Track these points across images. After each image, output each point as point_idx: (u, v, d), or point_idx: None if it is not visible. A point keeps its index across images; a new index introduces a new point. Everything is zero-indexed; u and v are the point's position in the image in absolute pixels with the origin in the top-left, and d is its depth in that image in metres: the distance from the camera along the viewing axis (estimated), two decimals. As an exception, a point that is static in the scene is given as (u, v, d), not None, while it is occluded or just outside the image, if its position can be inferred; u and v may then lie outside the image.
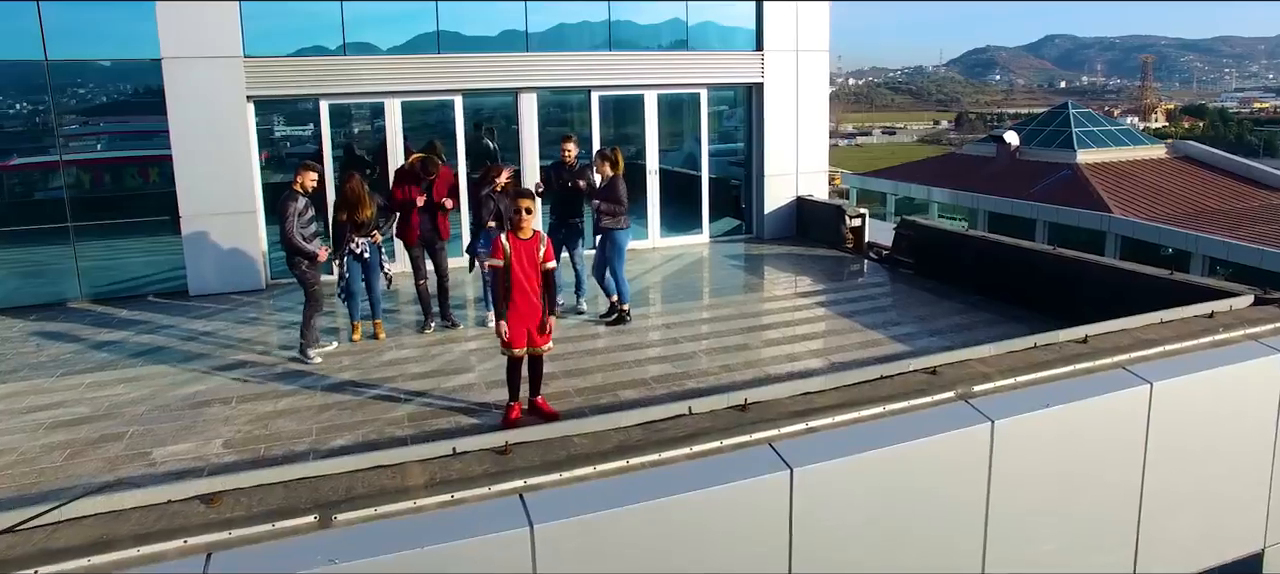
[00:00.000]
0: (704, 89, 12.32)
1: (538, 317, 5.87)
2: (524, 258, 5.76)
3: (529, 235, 5.80)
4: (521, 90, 11.30)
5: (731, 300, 9.39)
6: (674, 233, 12.71)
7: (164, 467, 5.43)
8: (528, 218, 5.79)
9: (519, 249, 5.74)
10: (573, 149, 8.62)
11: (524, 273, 5.75)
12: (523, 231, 5.78)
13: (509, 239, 5.75)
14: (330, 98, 10.46)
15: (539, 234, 5.87)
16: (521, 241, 5.76)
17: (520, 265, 5.75)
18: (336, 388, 6.79)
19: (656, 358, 7.34)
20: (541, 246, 5.83)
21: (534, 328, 5.88)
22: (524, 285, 5.77)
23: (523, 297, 5.79)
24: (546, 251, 5.87)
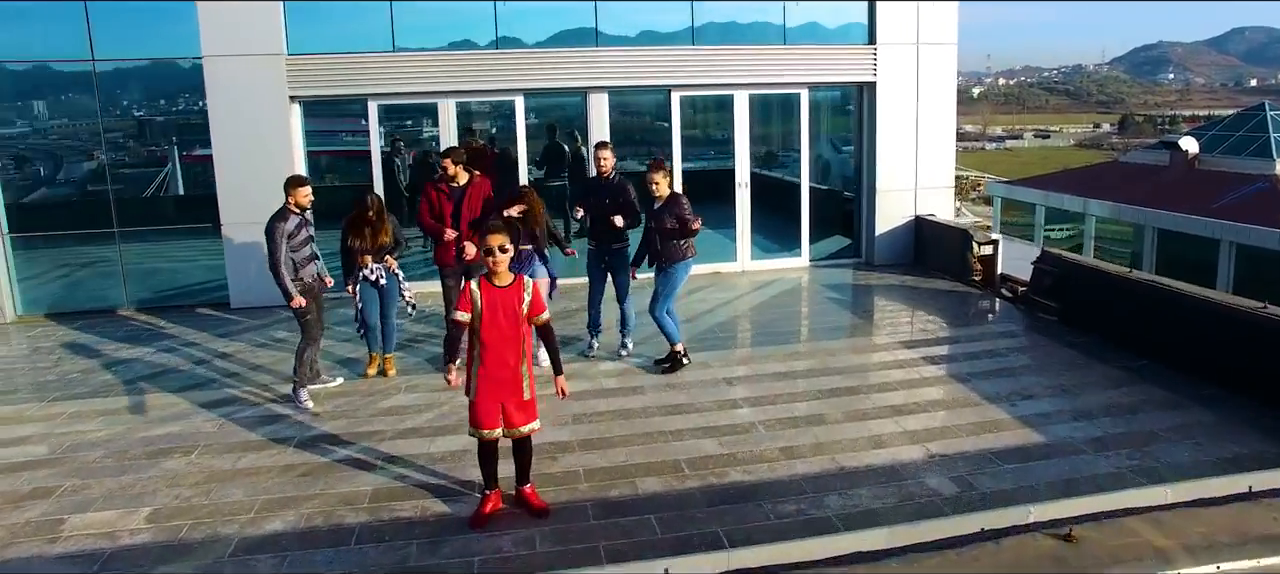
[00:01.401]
0: (804, 89, 10.54)
1: (516, 388, 4.49)
2: (500, 313, 4.38)
3: (506, 281, 4.43)
4: (591, 90, 9.99)
5: (819, 347, 7.65)
6: (767, 255, 11.03)
7: (64, 544, 4.49)
8: (502, 258, 4.39)
9: (493, 301, 4.38)
10: (609, 158, 7.14)
11: (501, 333, 4.39)
12: (498, 277, 4.42)
13: (481, 287, 4.40)
14: (379, 98, 9.56)
15: (521, 280, 4.49)
16: (497, 290, 4.39)
17: (495, 323, 4.38)
18: (311, 443, 5.71)
19: (703, 428, 5.79)
20: (525, 295, 4.45)
21: (512, 403, 4.50)
22: (500, 349, 4.40)
23: (498, 362, 4.42)
24: (535, 300, 4.48)
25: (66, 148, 9.92)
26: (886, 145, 10.54)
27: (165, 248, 9.79)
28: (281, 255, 6.19)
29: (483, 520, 4.58)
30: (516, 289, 4.42)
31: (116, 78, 9.43)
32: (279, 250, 6.18)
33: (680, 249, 6.80)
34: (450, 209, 6.86)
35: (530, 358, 4.56)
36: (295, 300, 6.29)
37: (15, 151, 9.60)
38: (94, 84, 9.02)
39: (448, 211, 6.86)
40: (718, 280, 10.33)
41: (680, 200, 6.74)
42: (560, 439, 5.65)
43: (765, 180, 11.45)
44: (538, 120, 11.48)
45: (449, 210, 6.86)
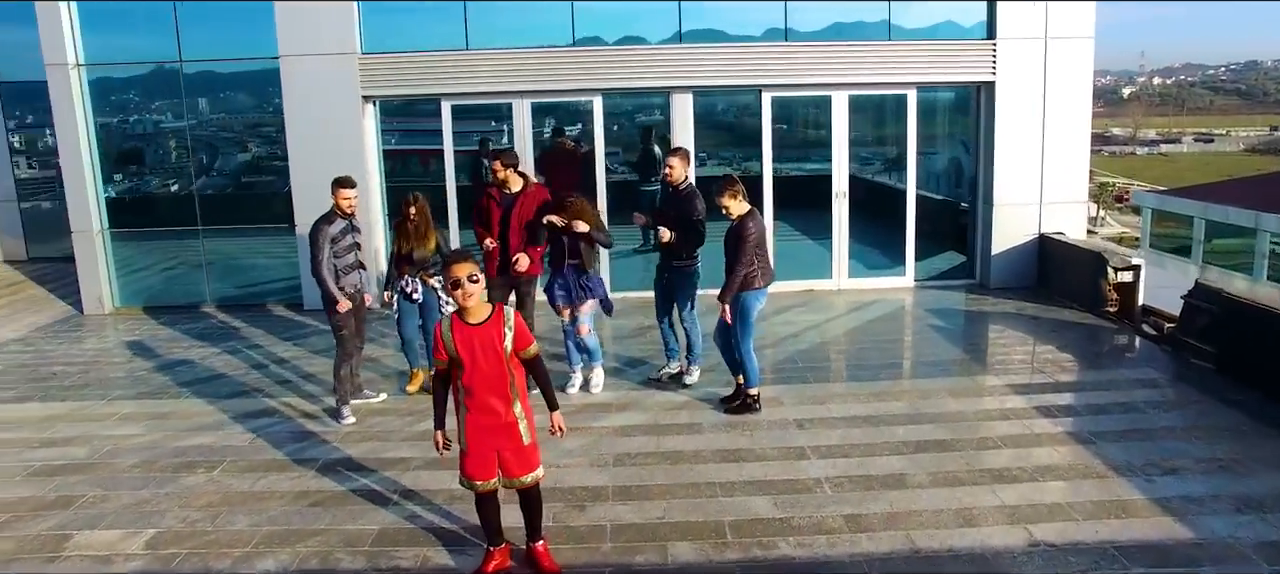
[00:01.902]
0: (912, 89, 9.44)
1: (511, 434, 3.86)
2: (478, 353, 3.74)
3: (481, 317, 3.76)
4: (675, 89, 9.30)
5: (911, 387, 6.65)
6: (868, 272, 9.99)
7: (61, 564, 4.30)
8: (473, 289, 3.71)
9: (469, 340, 3.73)
10: (680, 166, 6.42)
11: (484, 376, 3.75)
12: (470, 313, 3.76)
13: (453, 327, 3.75)
14: (451, 98, 9.25)
15: (500, 311, 3.81)
16: (472, 329, 3.75)
17: (475, 365, 3.74)
18: (333, 468, 5.34)
19: (758, 483, 5.00)
20: (507, 327, 3.77)
21: (509, 450, 3.88)
22: (485, 394, 3.78)
23: (483, 409, 3.81)
24: (518, 333, 3.80)
25: (223, 140, 10.18)
26: (1006, 153, 9.28)
27: (246, 246, 9.89)
28: (324, 258, 5.88)
29: (484, 582, 4.01)
30: (495, 324, 3.75)
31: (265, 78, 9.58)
32: (321, 254, 5.88)
33: (747, 276, 5.97)
34: (499, 216, 6.37)
35: (525, 396, 3.91)
36: (341, 303, 5.95)
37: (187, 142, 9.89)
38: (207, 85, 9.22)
39: (496, 219, 6.37)
40: (810, 299, 9.42)
41: (744, 224, 5.89)
42: (595, 483, 5.02)
43: (869, 188, 10.40)
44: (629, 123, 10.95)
45: (498, 218, 6.37)
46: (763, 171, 9.55)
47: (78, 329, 8.98)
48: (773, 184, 9.59)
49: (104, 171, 9.49)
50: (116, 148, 9.82)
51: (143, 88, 9.76)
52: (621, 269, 9.70)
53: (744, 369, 6.09)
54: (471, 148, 9.89)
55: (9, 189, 12.66)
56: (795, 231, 10.60)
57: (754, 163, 9.70)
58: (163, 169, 9.96)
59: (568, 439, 5.61)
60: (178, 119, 9.63)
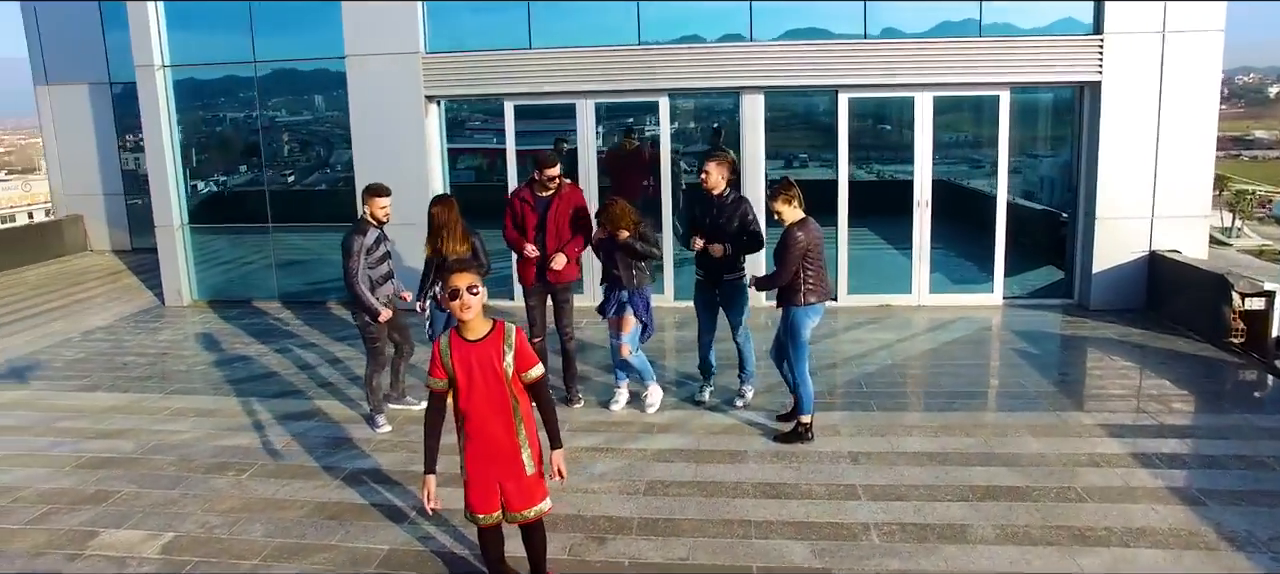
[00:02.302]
0: (1005, 90, 8.62)
1: (513, 464, 3.55)
2: (476, 373, 3.42)
3: (480, 333, 3.46)
4: (744, 90, 8.84)
5: (986, 422, 5.97)
6: (952, 287, 9.24)
7: (80, 563, 4.29)
8: (471, 301, 3.39)
9: (467, 358, 3.42)
10: (716, 173, 5.91)
11: (482, 398, 3.44)
12: (471, 327, 3.47)
13: (451, 343, 3.45)
14: (514, 98, 9.09)
15: (501, 327, 3.48)
16: (470, 345, 3.43)
17: (472, 386, 3.42)
18: (358, 477, 5.21)
19: (799, 524, 4.52)
20: (508, 346, 3.44)
21: (510, 481, 3.56)
22: (484, 418, 3.46)
23: (483, 436, 3.49)
24: (519, 353, 3.45)
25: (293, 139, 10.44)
26: (1113, 161, 8.35)
27: (312, 243, 10.06)
28: (357, 270, 5.76)
29: (482, 621, 3.73)
30: (494, 341, 3.42)
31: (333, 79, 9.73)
32: (356, 264, 5.76)
33: (799, 290, 5.48)
34: (535, 221, 6.09)
35: (530, 423, 3.58)
36: (384, 314, 5.83)
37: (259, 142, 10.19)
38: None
39: (531, 224, 6.09)
40: (885, 315, 8.76)
41: (791, 232, 5.40)
42: (620, 513, 4.67)
43: (956, 197, 9.63)
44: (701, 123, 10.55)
45: (533, 223, 6.09)
46: (838, 177, 8.95)
47: (156, 320, 9.33)
48: (848, 190, 8.97)
49: (184, 169, 9.84)
50: (195, 146, 10.17)
51: (220, 89, 10.04)
52: (688, 277, 9.29)
53: (797, 394, 5.60)
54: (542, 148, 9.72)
55: (116, 183, 13.42)
56: (874, 241, 9.93)
57: (829, 169, 9.11)
58: (237, 167, 10.25)
59: (601, 461, 5.34)
60: (251, 119, 9.89)
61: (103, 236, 13.61)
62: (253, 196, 10.00)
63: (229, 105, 10.05)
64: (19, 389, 7.11)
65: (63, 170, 13.59)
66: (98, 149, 13.22)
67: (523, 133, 9.47)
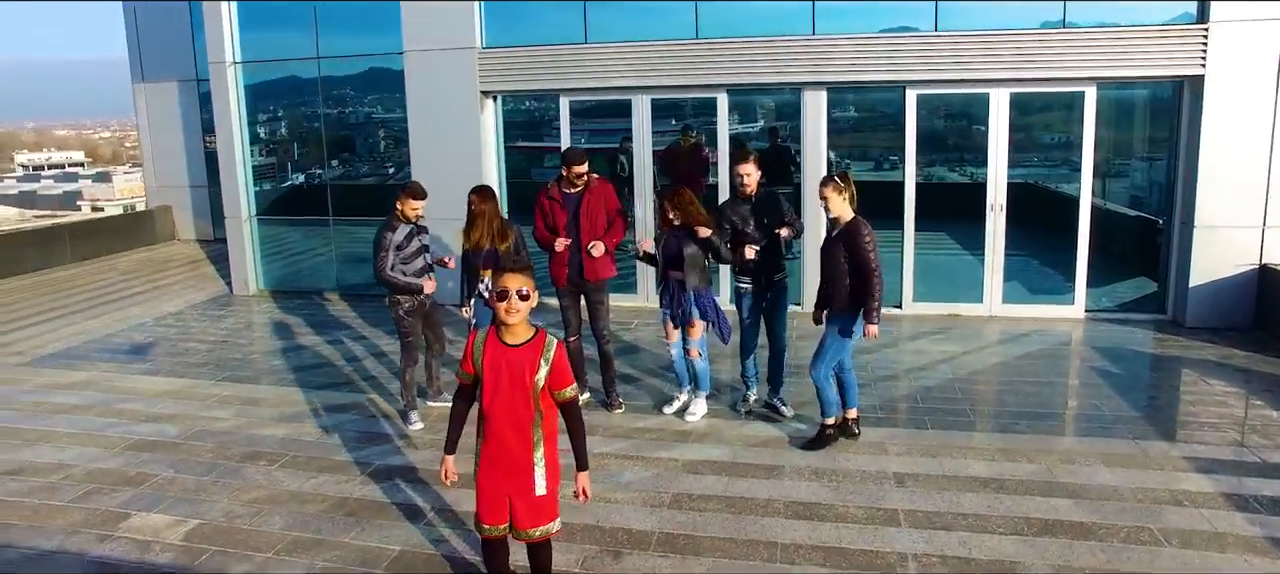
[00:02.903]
0: (1090, 85, 7.94)
1: (524, 480, 3.33)
2: (504, 378, 3.23)
3: (522, 338, 3.28)
4: (807, 86, 8.45)
5: (1053, 447, 5.45)
6: (1028, 298, 8.61)
7: (108, 545, 4.36)
8: (520, 306, 3.23)
9: (497, 360, 3.25)
10: (753, 173, 5.66)
11: (504, 405, 3.25)
12: (512, 331, 3.29)
13: (487, 342, 3.29)
14: (570, 93, 8.97)
15: (542, 336, 3.29)
16: (506, 348, 3.26)
17: (496, 389, 3.24)
18: (384, 473, 5.15)
19: (829, 551, 4.19)
20: (545, 359, 3.24)
21: (521, 497, 3.35)
22: (502, 426, 3.26)
23: (498, 442, 3.29)
24: (556, 368, 3.25)
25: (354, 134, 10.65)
26: (1216, 163, 7.57)
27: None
28: (386, 266, 5.73)
29: (479, 635, 3.56)
30: (532, 349, 3.24)
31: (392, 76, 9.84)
32: (385, 259, 5.73)
33: (854, 296, 5.12)
34: (565, 219, 5.91)
35: (551, 441, 3.38)
36: (428, 285, 5.79)
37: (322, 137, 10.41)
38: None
39: (562, 222, 5.92)
40: (952, 325, 8.22)
41: (860, 230, 5.06)
42: (641, 527, 4.45)
43: (1034, 200, 8.98)
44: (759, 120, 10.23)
45: (563, 221, 5.92)
46: (905, 179, 8.45)
47: (222, 309, 9.64)
48: (917, 193, 8.46)
49: (253, 161, 10.15)
50: (263, 139, 10.47)
51: (285, 84, 10.29)
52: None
53: (821, 396, 5.28)
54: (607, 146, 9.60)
55: (201, 175, 14.04)
56: (943, 246, 9.38)
57: (896, 171, 8.63)
58: (300, 160, 10.50)
59: (629, 469, 5.13)
60: (313, 114, 10.10)
61: (188, 226, 14.27)
62: (315, 190, 10.23)
63: (293, 101, 10.30)
64: (90, 369, 7.43)
65: (154, 163, 14.32)
66: (185, 143, 13.86)
67: (590, 132, 9.38)
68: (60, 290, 10.71)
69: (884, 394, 6.35)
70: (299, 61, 9.83)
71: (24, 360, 7.76)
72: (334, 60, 9.74)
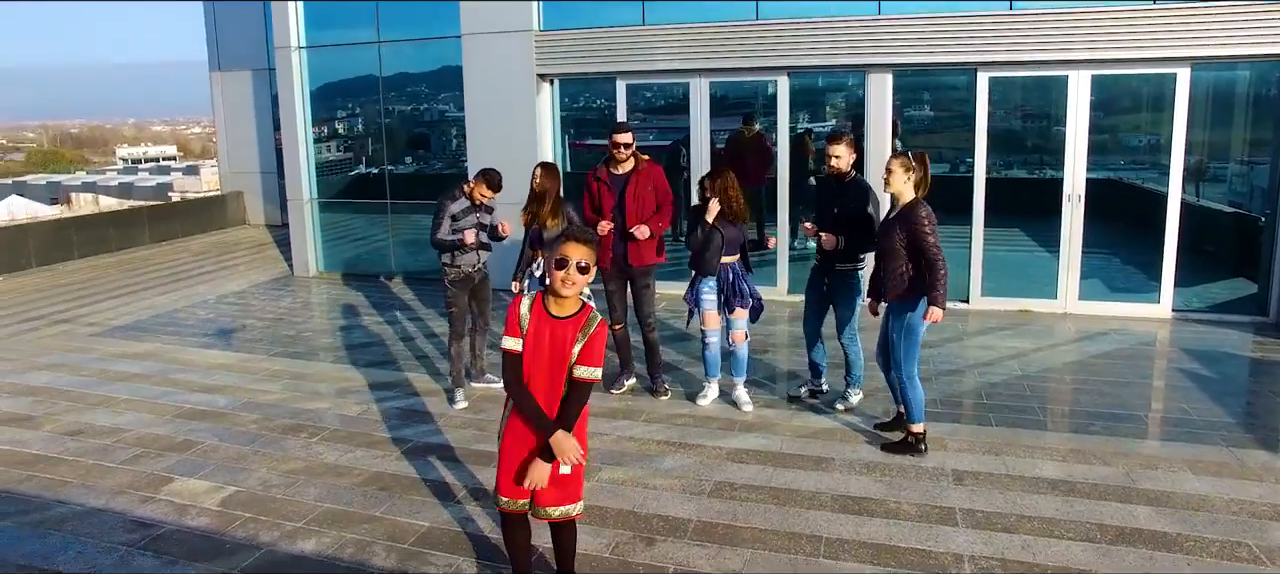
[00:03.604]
0: (1183, 66, 7.34)
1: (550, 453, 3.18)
2: (545, 348, 3.07)
3: (570, 311, 3.10)
4: (871, 68, 8.09)
5: (1133, 451, 4.99)
6: (1108, 295, 8.06)
7: (150, 507, 4.40)
8: (578, 279, 2.99)
9: (540, 329, 3.07)
10: (848, 155, 5.36)
11: (541, 372, 3.08)
12: (561, 303, 3.10)
13: (533, 308, 3.10)
14: (627, 76, 8.81)
15: (587, 310, 3.12)
16: (551, 319, 3.09)
17: (536, 356, 3.07)
18: (420, 452, 5.08)
19: (877, 549, 3.90)
20: (583, 333, 3.05)
21: (543, 469, 3.20)
22: (538, 395, 3.09)
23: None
24: (591, 344, 3.05)
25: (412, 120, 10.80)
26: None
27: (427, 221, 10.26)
28: (441, 232, 5.71)
29: (498, 617, 3.41)
30: (576, 323, 3.06)
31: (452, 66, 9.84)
32: (440, 225, 5.71)
33: (913, 282, 4.79)
34: (612, 201, 5.74)
35: (582, 420, 3.18)
36: (468, 235, 5.66)
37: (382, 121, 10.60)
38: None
39: (608, 204, 5.75)
40: (1023, 322, 7.74)
41: (917, 211, 4.74)
42: (678, 514, 4.24)
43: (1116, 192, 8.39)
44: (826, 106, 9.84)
45: (610, 203, 5.74)
46: (975, 167, 8.00)
47: (283, 289, 9.84)
48: (986, 187, 8.00)
49: (316, 145, 10.33)
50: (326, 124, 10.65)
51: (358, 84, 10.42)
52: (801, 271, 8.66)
53: (905, 399, 4.92)
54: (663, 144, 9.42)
55: (272, 162, 14.45)
56: (1016, 242, 8.86)
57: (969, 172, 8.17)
58: (373, 156, 10.63)
59: (670, 456, 4.93)
60: (374, 100, 10.21)
61: (258, 211, 14.72)
62: (374, 175, 10.36)
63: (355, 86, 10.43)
64: (152, 341, 7.64)
65: (228, 150, 14.81)
66: (257, 131, 14.29)
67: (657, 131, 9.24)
68: (137, 269, 11.14)
69: (945, 389, 5.98)
70: (363, 48, 9.94)
71: (96, 331, 8.05)
72: (395, 44, 9.81)
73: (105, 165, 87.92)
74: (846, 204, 5.33)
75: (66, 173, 67.12)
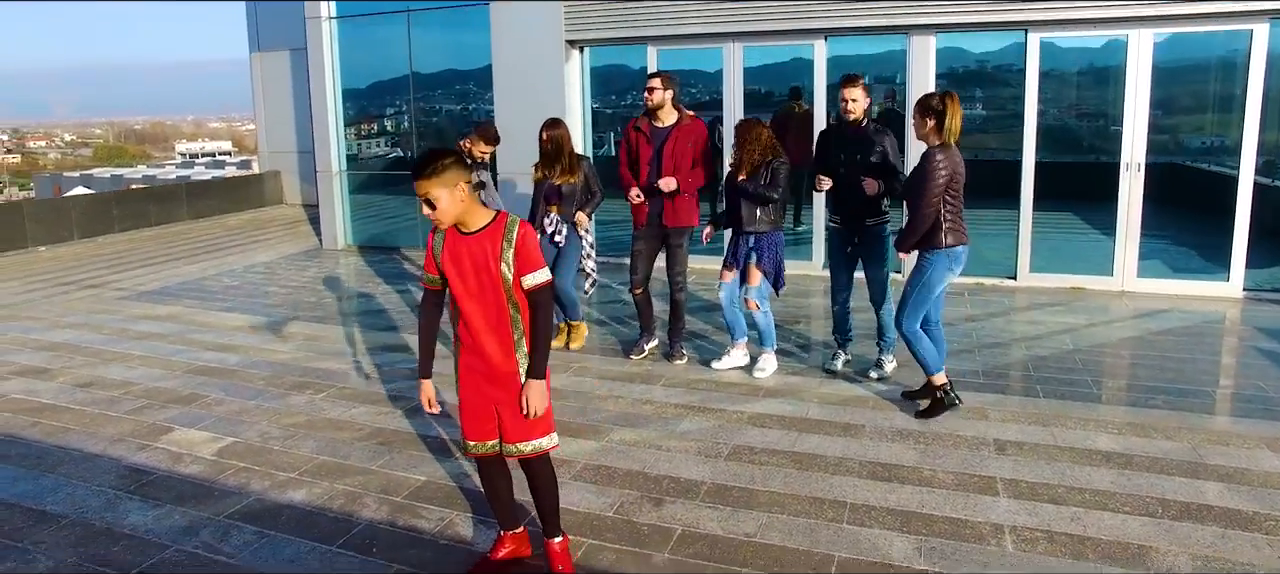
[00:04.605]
0: (1262, 22, 6.74)
1: (511, 385, 2.89)
2: (469, 271, 2.80)
3: (478, 225, 2.79)
4: (913, 30, 7.65)
5: (1199, 425, 4.49)
6: (1170, 274, 7.49)
7: (147, 454, 4.26)
8: (432, 214, 2.72)
9: (458, 251, 2.80)
10: (860, 98, 4.98)
11: (474, 303, 2.81)
12: (461, 223, 2.78)
13: (446, 238, 2.82)
14: (658, 42, 8.49)
15: (502, 220, 2.81)
16: (464, 237, 2.81)
17: (465, 291, 2.81)
18: (420, 410, 4.79)
19: (907, 516, 3.54)
20: (507, 241, 2.76)
21: (507, 406, 2.92)
22: (478, 327, 2.83)
23: (475, 349, 2.86)
24: (520, 251, 2.76)
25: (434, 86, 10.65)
26: None
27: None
28: None
29: (486, 571, 3.15)
30: (492, 234, 2.76)
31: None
32: None
33: (940, 229, 4.41)
34: (649, 155, 5.44)
35: (534, 337, 2.88)
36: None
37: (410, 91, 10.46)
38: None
39: (645, 158, 5.45)
40: (1075, 299, 7.23)
41: (932, 156, 4.34)
42: (690, 476, 3.93)
43: (1187, 176, 7.80)
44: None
45: (647, 156, 5.44)
46: (1023, 138, 7.51)
47: (310, 260, 9.78)
48: (1031, 169, 7.51)
49: (345, 117, 10.25)
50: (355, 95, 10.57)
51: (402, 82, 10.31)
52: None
53: (916, 355, 4.57)
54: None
55: (308, 142, 14.47)
56: (1070, 226, 8.32)
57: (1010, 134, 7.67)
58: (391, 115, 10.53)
59: (688, 419, 4.63)
60: (403, 71, 10.08)
61: (295, 191, 14.78)
62: (401, 145, 10.24)
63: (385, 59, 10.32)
64: (174, 304, 7.60)
65: (267, 130, 14.90)
66: (294, 110, 14.33)
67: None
68: (172, 242, 11.22)
69: (988, 362, 5.55)
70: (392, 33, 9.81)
71: (123, 295, 8.05)
72: (423, 10, 9.65)
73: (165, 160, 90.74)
74: (868, 151, 4.95)
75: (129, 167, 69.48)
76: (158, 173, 57.87)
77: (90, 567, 3.24)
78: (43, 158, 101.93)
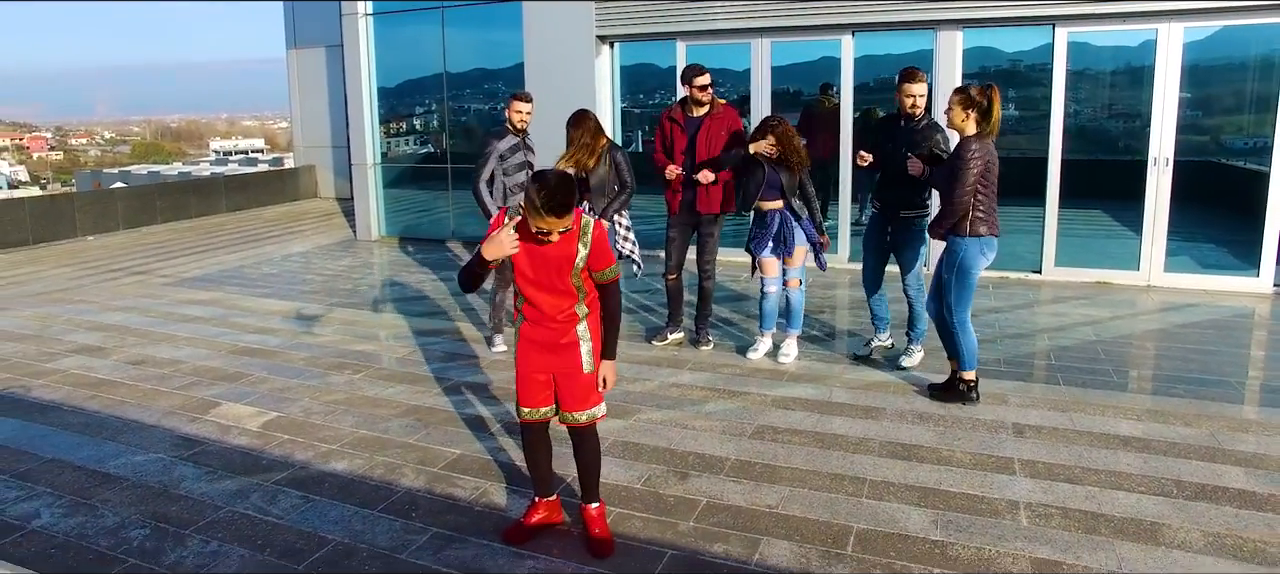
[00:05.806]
0: (1294, 12, 6.72)
1: (571, 355, 3.06)
2: (539, 263, 2.97)
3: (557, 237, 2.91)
4: (941, 24, 7.71)
5: (1221, 414, 4.52)
6: (1198, 269, 7.47)
7: (195, 426, 4.49)
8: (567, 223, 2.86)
9: (532, 250, 2.96)
10: (919, 93, 5.06)
11: (543, 287, 3.00)
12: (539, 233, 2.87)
13: (519, 228, 2.94)
14: (687, 37, 8.63)
15: (577, 217, 2.95)
16: (537, 245, 2.95)
17: (537, 274, 2.99)
18: (458, 389, 5.06)
19: (924, 491, 3.65)
20: (583, 242, 2.95)
21: (565, 376, 3.08)
22: (543, 299, 3.01)
23: (540, 319, 3.05)
24: (597, 246, 2.96)
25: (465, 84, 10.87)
26: None
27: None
28: (485, 173, 5.66)
29: (520, 535, 3.31)
30: (567, 237, 2.93)
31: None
32: (485, 167, 5.66)
33: (969, 218, 4.49)
34: (684, 143, 5.58)
35: (595, 315, 3.10)
36: (495, 218, 5.64)
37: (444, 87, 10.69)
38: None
39: (680, 147, 5.59)
40: (1100, 292, 7.25)
41: (966, 146, 4.42)
42: (715, 452, 4.07)
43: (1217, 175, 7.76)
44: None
45: (682, 145, 5.58)
46: (1049, 134, 7.53)
47: (345, 250, 10.05)
48: (1057, 170, 7.53)
49: (381, 110, 10.51)
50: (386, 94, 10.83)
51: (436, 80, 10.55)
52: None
53: (957, 346, 4.64)
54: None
55: (342, 137, 14.80)
56: (1097, 222, 8.30)
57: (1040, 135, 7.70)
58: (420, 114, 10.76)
59: (714, 401, 4.77)
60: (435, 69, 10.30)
61: (329, 185, 15.13)
62: (434, 141, 10.48)
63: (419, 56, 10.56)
64: (216, 291, 7.89)
65: (302, 125, 15.27)
66: (329, 105, 14.68)
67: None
68: (212, 232, 11.58)
69: (1010, 351, 5.62)
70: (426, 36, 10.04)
71: (168, 282, 8.37)
72: (456, 7, 9.87)
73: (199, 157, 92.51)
74: (918, 144, 5.03)
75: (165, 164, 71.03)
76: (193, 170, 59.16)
77: (152, 523, 3.46)
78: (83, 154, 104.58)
